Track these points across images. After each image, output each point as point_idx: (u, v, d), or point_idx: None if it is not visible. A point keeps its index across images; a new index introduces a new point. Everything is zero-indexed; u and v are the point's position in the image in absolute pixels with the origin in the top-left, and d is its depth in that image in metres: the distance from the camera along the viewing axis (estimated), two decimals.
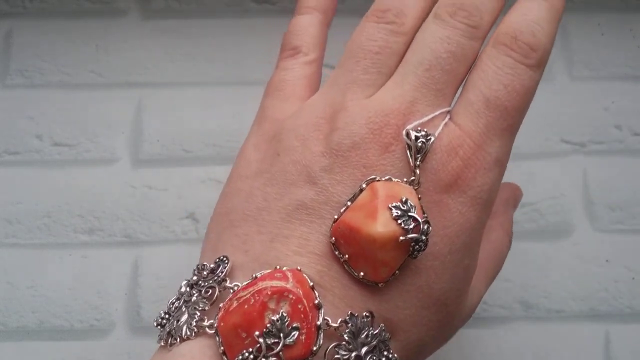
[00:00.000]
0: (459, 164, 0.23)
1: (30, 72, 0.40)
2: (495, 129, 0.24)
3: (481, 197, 0.23)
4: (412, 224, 0.21)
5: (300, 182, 0.23)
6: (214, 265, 0.23)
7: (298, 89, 0.27)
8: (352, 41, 0.26)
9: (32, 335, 0.36)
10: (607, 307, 0.37)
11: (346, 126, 0.24)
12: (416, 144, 0.23)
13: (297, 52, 0.28)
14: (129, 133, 0.39)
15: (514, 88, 0.24)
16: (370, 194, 0.22)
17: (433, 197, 0.23)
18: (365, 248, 0.21)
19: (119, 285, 0.37)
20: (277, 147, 0.25)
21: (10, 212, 0.38)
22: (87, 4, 0.41)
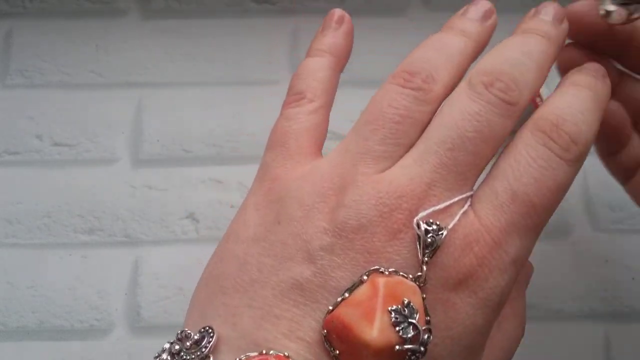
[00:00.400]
0: (473, 262, 0.21)
1: (30, 72, 0.40)
2: (519, 227, 0.21)
3: (492, 299, 0.21)
4: (412, 332, 0.19)
5: (298, 258, 0.21)
6: (198, 337, 0.21)
7: (303, 144, 0.25)
8: (373, 104, 0.24)
9: (32, 335, 0.36)
10: (606, 307, 0.37)
11: (354, 204, 0.21)
12: (426, 238, 0.20)
13: (301, 98, 0.26)
14: (129, 133, 0.39)
15: (546, 184, 0.22)
16: (371, 289, 0.20)
17: (439, 295, 0.21)
18: (358, 351, 0.20)
19: (119, 285, 0.37)
20: (279, 213, 0.23)
21: (10, 212, 0.38)
22: (87, 4, 0.41)
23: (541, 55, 0.24)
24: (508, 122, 0.23)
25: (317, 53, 0.27)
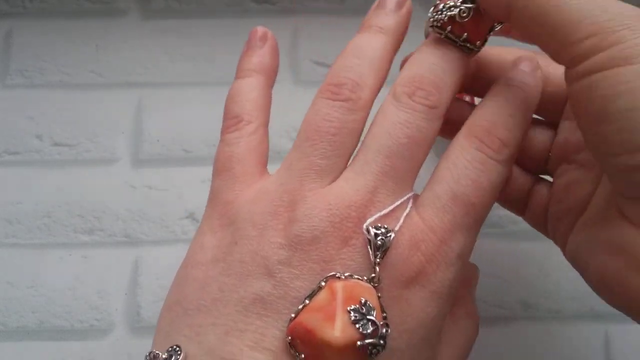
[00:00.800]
0: (421, 259, 0.23)
1: (30, 72, 0.40)
2: (461, 225, 0.23)
3: (442, 292, 0.23)
4: (371, 327, 0.21)
5: (258, 274, 0.22)
6: (166, 356, 0.22)
7: (248, 166, 0.26)
8: (307, 122, 0.25)
9: (32, 335, 0.36)
10: (606, 307, 0.37)
11: (306, 218, 0.23)
12: (376, 241, 0.22)
13: (239, 121, 0.27)
14: (129, 133, 0.39)
15: (482, 185, 0.24)
16: (329, 294, 0.21)
17: (393, 293, 0.22)
18: (322, 352, 0.21)
19: (119, 285, 0.37)
20: (234, 235, 0.24)
21: (10, 212, 0.38)
22: (87, 4, 0.41)
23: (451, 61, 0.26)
24: (436, 124, 0.25)
25: (247, 74, 0.28)
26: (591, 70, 0.21)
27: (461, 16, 0.24)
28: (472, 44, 0.24)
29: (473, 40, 0.24)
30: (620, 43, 0.20)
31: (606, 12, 0.21)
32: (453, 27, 0.24)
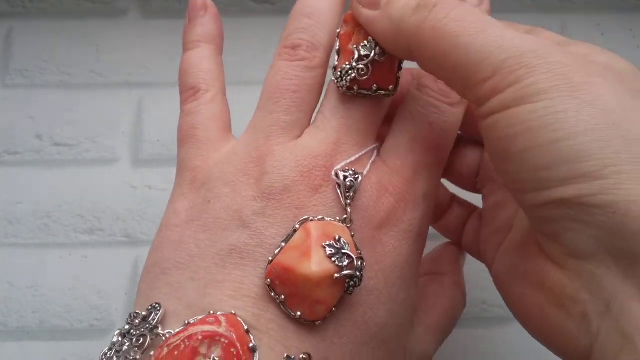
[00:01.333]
0: (390, 201, 0.24)
1: (30, 72, 0.40)
2: (423, 166, 0.25)
3: (412, 230, 0.24)
4: (346, 260, 0.21)
5: (233, 227, 0.23)
6: (145, 313, 0.22)
7: (211, 132, 0.26)
8: (268, 83, 0.26)
9: (32, 335, 0.36)
10: None
11: (275, 170, 0.23)
12: (345, 183, 0.23)
13: (197, 92, 0.27)
14: (129, 133, 0.39)
15: (439, 126, 0.25)
16: (304, 234, 0.22)
17: (366, 234, 0.23)
18: (301, 287, 0.21)
19: (119, 285, 0.37)
20: (207, 195, 0.24)
21: (10, 212, 0.38)
22: (87, 4, 0.41)
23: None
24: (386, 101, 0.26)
25: (194, 45, 0.28)
26: (493, 110, 0.21)
27: (361, 75, 0.24)
28: (385, 89, 0.25)
29: (385, 86, 0.25)
30: (517, 83, 0.20)
31: (503, 50, 0.20)
32: (359, 84, 0.24)
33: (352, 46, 0.24)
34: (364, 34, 0.24)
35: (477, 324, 0.37)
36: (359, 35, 0.24)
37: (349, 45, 0.24)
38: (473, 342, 0.36)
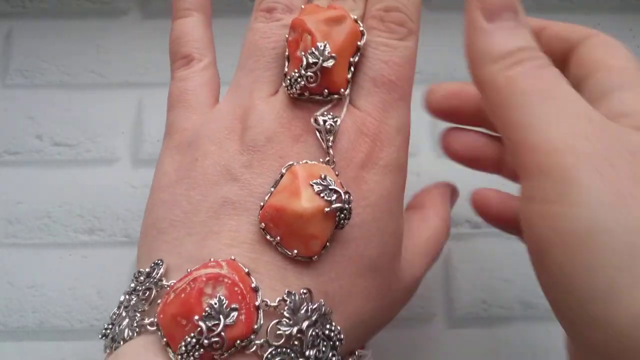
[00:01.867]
0: (367, 141, 0.25)
1: (30, 72, 0.40)
2: (390, 102, 0.25)
3: (392, 164, 0.25)
4: (334, 195, 0.22)
5: (222, 181, 0.24)
6: (149, 270, 0.23)
7: (202, 97, 0.27)
8: (247, 43, 0.27)
9: (32, 335, 0.36)
10: None
11: (258, 123, 0.25)
12: (325, 127, 0.24)
13: (190, 60, 0.28)
14: (129, 133, 0.39)
15: (394, 62, 0.25)
16: (291, 176, 0.23)
17: (349, 174, 0.24)
18: (294, 225, 0.22)
19: (120, 285, 0.37)
20: (194, 153, 0.25)
21: (10, 212, 0.38)
22: (88, 4, 0.42)
23: None
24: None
25: (186, 13, 0.29)
26: None
27: (310, 82, 0.24)
28: (337, 93, 0.25)
29: (336, 90, 0.25)
30: None
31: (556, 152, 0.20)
32: (310, 91, 0.25)
33: (300, 53, 0.25)
34: (311, 40, 0.24)
35: (477, 324, 0.37)
36: (306, 42, 0.24)
37: (297, 52, 0.25)
38: (473, 341, 0.36)
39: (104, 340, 0.24)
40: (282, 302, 0.22)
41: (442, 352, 0.36)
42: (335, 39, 0.25)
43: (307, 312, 0.22)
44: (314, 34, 0.24)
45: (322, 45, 0.24)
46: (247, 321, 0.21)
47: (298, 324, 0.22)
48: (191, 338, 0.20)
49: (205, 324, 0.20)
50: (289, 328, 0.21)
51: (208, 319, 0.20)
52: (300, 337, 0.22)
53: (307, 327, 0.22)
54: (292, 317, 0.22)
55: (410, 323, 0.37)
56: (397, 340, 0.36)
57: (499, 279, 0.37)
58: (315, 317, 0.22)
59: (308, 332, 0.22)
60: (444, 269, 0.37)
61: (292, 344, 0.22)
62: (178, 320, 0.21)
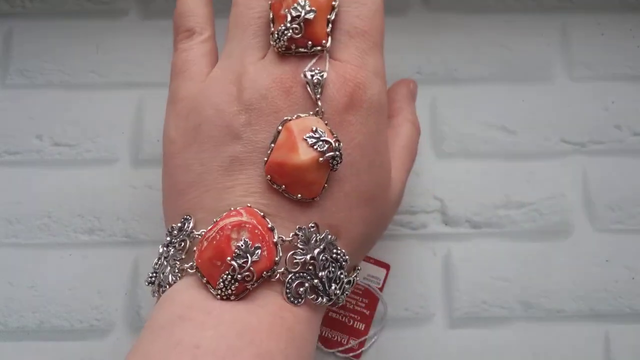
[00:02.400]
0: (350, 86, 0.28)
1: (30, 72, 0.40)
2: (365, 49, 0.29)
3: (373, 106, 0.28)
4: (326, 145, 0.26)
5: (227, 141, 0.27)
6: (180, 224, 0.28)
7: (203, 67, 0.30)
8: (234, 15, 0.29)
9: (33, 335, 0.36)
10: (607, 306, 0.37)
11: (252, 84, 0.28)
12: (313, 81, 0.27)
13: (192, 34, 0.31)
14: (129, 133, 0.39)
15: (364, 14, 0.29)
16: (287, 133, 0.27)
17: (336, 119, 0.28)
18: (296, 175, 0.26)
19: (119, 285, 0.37)
20: (197, 119, 0.28)
21: (10, 212, 0.38)
22: (88, 4, 0.41)
23: None
24: None
25: None
26: None
27: (295, 33, 0.28)
28: (320, 45, 0.28)
29: (318, 42, 0.28)
30: None
31: None
32: (296, 43, 0.28)
33: (284, 10, 0.28)
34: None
35: (477, 324, 0.37)
36: (288, 1, 0.28)
37: (281, 11, 0.28)
38: (473, 341, 0.36)
39: (151, 287, 0.28)
40: (294, 236, 0.26)
41: (442, 351, 0.36)
42: None
43: (316, 242, 0.27)
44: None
45: (303, 1, 0.28)
46: (269, 256, 0.25)
47: (310, 251, 0.26)
48: (227, 275, 0.25)
49: (236, 262, 0.25)
50: (303, 256, 0.26)
51: (238, 258, 0.25)
52: (313, 262, 0.26)
53: (318, 254, 0.26)
54: (305, 247, 0.26)
55: (411, 323, 0.37)
56: (397, 339, 0.36)
57: (498, 279, 0.37)
58: (323, 245, 0.27)
59: (319, 257, 0.26)
60: (444, 269, 0.37)
61: (307, 268, 0.26)
62: (214, 262, 0.25)
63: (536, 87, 0.40)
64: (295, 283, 0.26)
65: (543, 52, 0.41)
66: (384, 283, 0.37)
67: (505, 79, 0.40)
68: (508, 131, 0.39)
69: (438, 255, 0.38)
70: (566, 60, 0.41)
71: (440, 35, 0.41)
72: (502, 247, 0.38)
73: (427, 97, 0.40)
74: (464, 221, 0.38)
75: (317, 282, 0.26)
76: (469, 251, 0.38)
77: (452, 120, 0.40)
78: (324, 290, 0.27)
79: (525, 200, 0.38)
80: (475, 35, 0.41)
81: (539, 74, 0.40)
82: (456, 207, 0.38)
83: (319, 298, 0.27)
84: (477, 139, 0.39)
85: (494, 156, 0.39)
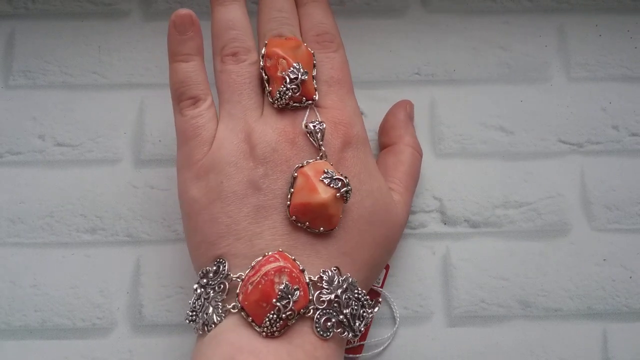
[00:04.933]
0: (341, 129, 0.32)
1: (33, 72, 0.40)
2: (343, 95, 0.34)
3: (360, 140, 0.33)
4: (339, 182, 0.30)
5: (250, 193, 0.31)
6: (215, 267, 0.30)
7: (212, 130, 0.33)
8: (226, 82, 0.33)
9: (35, 334, 0.36)
10: (604, 305, 0.37)
11: (261, 140, 0.31)
12: (315, 130, 0.32)
13: (197, 100, 0.33)
14: (131, 133, 0.40)
15: (336, 66, 0.34)
16: (304, 177, 0.30)
17: (336, 158, 0.32)
18: (319, 212, 0.30)
19: (121, 284, 0.37)
20: (217, 178, 0.31)
21: (13, 211, 0.38)
22: (90, 6, 0.42)
23: None
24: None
25: (187, 58, 0.33)
26: None
27: (294, 93, 0.32)
28: (311, 99, 0.33)
29: (310, 96, 0.33)
30: None
31: None
32: (294, 100, 0.32)
33: (281, 73, 0.32)
34: (287, 63, 0.32)
35: (475, 323, 0.37)
36: (283, 65, 0.32)
37: (277, 73, 0.32)
38: (472, 340, 0.37)
39: (193, 324, 0.30)
40: (320, 278, 0.30)
41: (442, 350, 0.37)
42: (301, 60, 0.33)
43: (339, 282, 0.30)
44: (287, 58, 0.32)
45: (297, 64, 0.32)
46: (304, 295, 0.29)
47: (334, 291, 0.30)
48: (272, 314, 0.28)
49: (280, 303, 0.28)
50: (328, 295, 0.29)
51: (281, 299, 0.28)
52: (337, 300, 0.29)
53: (341, 293, 0.30)
54: (329, 287, 0.30)
55: (410, 321, 0.37)
56: (396, 338, 0.37)
57: (497, 278, 0.37)
58: (345, 285, 0.30)
59: (342, 297, 0.30)
60: (443, 268, 0.38)
61: (333, 306, 0.29)
62: (260, 304, 0.28)
63: (534, 87, 0.40)
64: (324, 319, 0.29)
65: (541, 53, 0.41)
66: (384, 282, 0.37)
67: (503, 80, 0.41)
68: (506, 131, 0.40)
69: (437, 254, 0.38)
70: (564, 61, 0.41)
71: (439, 36, 0.41)
72: (501, 247, 0.38)
73: (425, 97, 0.40)
74: (462, 221, 0.38)
75: (343, 317, 0.30)
76: (468, 250, 0.38)
77: (450, 120, 0.40)
78: (349, 325, 0.30)
79: (524, 200, 0.39)
80: (474, 36, 0.41)
81: (537, 75, 0.41)
82: (455, 207, 0.39)
83: (345, 332, 0.30)
84: (476, 139, 0.40)
85: (493, 156, 0.39)
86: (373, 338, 0.36)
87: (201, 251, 0.31)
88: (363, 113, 0.40)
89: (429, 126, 0.40)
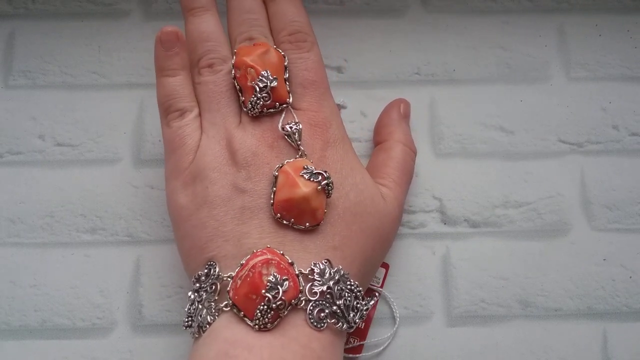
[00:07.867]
0: (317, 130, 0.33)
1: (33, 72, 0.41)
2: (319, 96, 0.34)
3: (338, 138, 0.34)
4: (319, 176, 0.31)
5: (234, 196, 0.32)
6: (206, 270, 0.31)
7: (196, 139, 0.33)
8: (205, 92, 0.34)
9: (35, 334, 0.37)
10: (604, 305, 0.37)
11: (241, 146, 0.32)
12: (292, 131, 0.32)
13: (184, 112, 0.34)
14: (130, 133, 0.40)
15: (310, 67, 0.34)
16: (284, 175, 0.31)
17: (317, 156, 0.33)
18: (302, 206, 0.31)
19: (121, 283, 0.37)
20: (202, 184, 0.32)
21: (13, 211, 0.38)
22: (90, 6, 0.42)
23: None
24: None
25: (174, 72, 0.34)
26: None
27: (266, 101, 0.33)
28: (285, 102, 0.33)
29: (283, 101, 0.33)
30: None
31: None
32: (267, 107, 0.33)
33: (251, 83, 0.33)
34: (255, 71, 0.33)
35: (475, 322, 0.37)
36: (252, 74, 0.33)
37: (247, 83, 0.33)
38: (472, 339, 0.37)
39: (189, 329, 0.31)
40: (311, 270, 0.30)
41: (441, 349, 0.37)
42: (270, 65, 0.33)
43: (330, 274, 0.30)
44: (255, 67, 0.33)
45: (266, 72, 0.33)
46: (294, 286, 0.29)
47: (326, 283, 0.30)
48: (262, 306, 0.28)
49: (270, 294, 0.28)
50: (320, 287, 0.30)
51: (271, 290, 0.28)
52: (330, 292, 0.30)
53: (333, 285, 0.30)
54: (321, 278, 0.30)
55: (410, 321, 0.37)
56: (396, 338, 0.37)
57: (497, 278, 0.38)
58: (337, 277, 0.30)
59: (335, 288, 0.30)
60: (443, 268, 0.38)
61: (325, 297, 0.30)
62: (249, 297, 0.29)
63: (534, 87, 0.41)
64: (317, 310, 0.29)
65: (541, 52, 0.41)
66: (384, 282, 0.37)
67: (503, 80, 0.41)
68: (506, 131, 0.40)
69: (437, 254, 0.38)
70: (564, 61, 0.41)
71: (439, 36, 0.41)
72: (501, 246, 0.38)
73: (425, 97, 0.40)
74: (462, 220, 0.38)
75: (336, 308, 0.30)
76: (468, 250, 0.38)
77: (450, 120, 0.40)
78: (343, 316, 0.30)
79: (523, 199, 0.39)
80: (474, 36, 0.41)
81: (537, 75, 0.41)
82: (455, 207, 0.39)
83: (339, 323, 0.30)
84: (476, 139, 0.40)
85: (492, 156, 0.39)
86: (373, 338, 0.36)
87: (192, 257, 0.32)
88: (363, 113, 0.40)
89: (428, 126, 0.40)
